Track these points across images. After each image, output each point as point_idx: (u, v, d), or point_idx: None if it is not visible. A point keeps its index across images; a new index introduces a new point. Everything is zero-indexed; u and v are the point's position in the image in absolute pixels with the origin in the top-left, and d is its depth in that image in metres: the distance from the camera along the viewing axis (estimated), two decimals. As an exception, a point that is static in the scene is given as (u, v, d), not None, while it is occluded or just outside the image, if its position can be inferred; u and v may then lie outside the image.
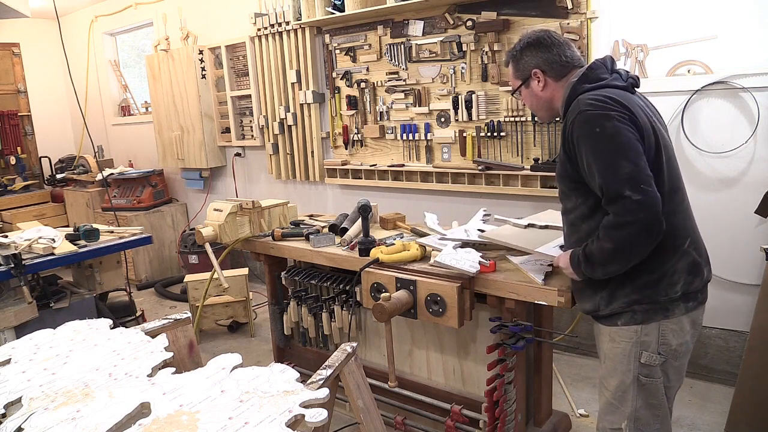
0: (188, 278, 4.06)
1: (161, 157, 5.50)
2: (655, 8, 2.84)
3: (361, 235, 2.46)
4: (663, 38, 2.84)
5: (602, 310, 1.68)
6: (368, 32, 3.87)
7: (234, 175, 5.20)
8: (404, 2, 3.43)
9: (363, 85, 3.95)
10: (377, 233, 2.69)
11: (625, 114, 1.55)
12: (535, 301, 1.93)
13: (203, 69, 4.95)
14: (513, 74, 1.85)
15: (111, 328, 1.76)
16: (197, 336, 3.72)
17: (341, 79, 4.08)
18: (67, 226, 4.55)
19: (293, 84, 4.35)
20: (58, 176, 6.18)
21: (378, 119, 3.96)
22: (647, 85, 2.78)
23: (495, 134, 3.38)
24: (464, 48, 3.42)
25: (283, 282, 2.89)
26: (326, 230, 2.76)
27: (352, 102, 4.04)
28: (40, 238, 3.00)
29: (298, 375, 1.40)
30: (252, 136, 4.88)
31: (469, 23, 3.35)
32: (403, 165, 3.88)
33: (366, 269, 2.25)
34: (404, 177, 3.88)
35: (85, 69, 6.38)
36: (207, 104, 5.03)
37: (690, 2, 2.75)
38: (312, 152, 4.38)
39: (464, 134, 3.54)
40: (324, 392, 1.31)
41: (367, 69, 3.93)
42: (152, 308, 4.74)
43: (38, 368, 1.52)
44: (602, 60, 1.72)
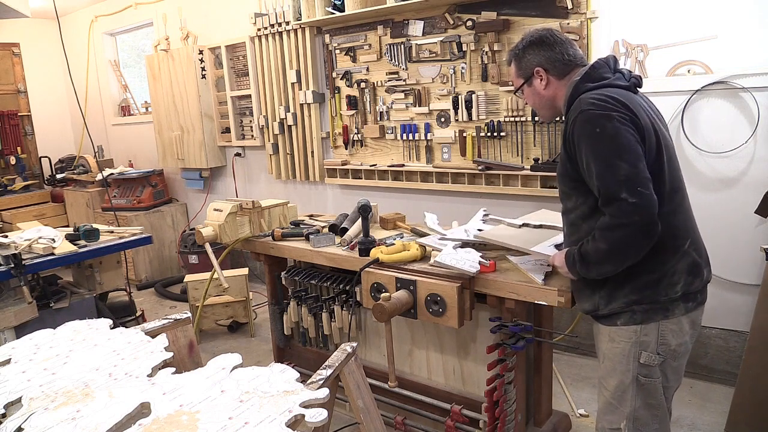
0: (188, 278, 4.06)
1: (161, 157, 5.50)
2: (655, 8, 2.84)
3: (361, 235, 2.46)
4: (663, 38, 2.84)
5: (601, 310, 1.68)
6: (368, 32, 3.87)
7: (234, 175, 5.20)
8: (404, 2, 3.43)
9: (363, 85, 3.95)
10: (377, 233, 2.69)
11: (627, 115, 1.54)
12: (535, 301, 1.93)
13: (203, 69, 4.95)
14: (515, 73, 1.84)
15: (111, 328, 1.76)
16: (197, 336, 3.72)
17: (341, 79, 4.08)
18: (67, 226, 4.55)
19: (293, 84, 4.36)
20: (58, 176, 6.18)
21: (378, 119, 3.96)
22: (647, 85, 2.76)
23: (495, 134, 3.38)
24: (464, 48, 3.42)
25: (283, 282, 2.89)
26: (326, 230, 2.76)
27: (352, 102, 4.04)
28: (40, 238, 3.00)
29: (298, 375, 1.40)
30: (252, 136, 4.88)
31: (469, 23, 3.35)
32: (403, 165, 3.88)
33: (366, 269, 2.25)
34: (404, 177, 3.88)
35: (85, 69, 6.38)
36: (207, 104, 5.03)
37: (690, 2, 2.76)
38: (312, 152, 4.39)
39: (464, 134, 3.54)
40: (324, 392, 1.31)
41: (367, 69, 3.93)
42: (152, 308, 4.74)
43: (38, 368, 1.52)
44: (605, 59, 1.71)
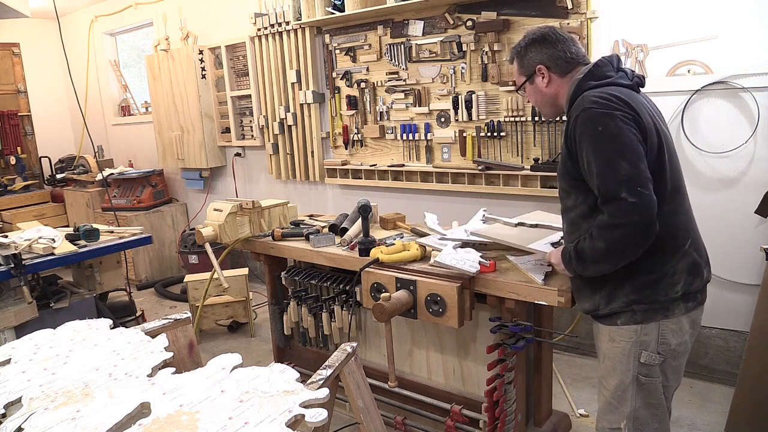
0: (188, 278, 4.06)
1: (161, 157, 5.50)
2: (655, 8, 2.84)
3: (361, 235, 2.46)
4: (663, 38, 2.84)
5: (602, 310, 1.68)
6: (368, 32, 3.87)
7: (234, 175, 5.20)
8: (404, 2, 3.43)
9: (363, 85, 3.95)
10: (377, 233, 2.69)
11: (630, 114, 1.54)
12: (535, 301, 1.93)
13: (203, 69, 4.95)
14: (517, 70, 1.84)
15: (111, 328, 1.76)
16: (197, 336, 3.72)
17: (341, 79, 4.08)
18: (67, 226, 4.55)
19: (293, 84, 4.35)
20: (58, 176, 6.18)
21: (378, 119, 3.96)
22: (647, 85, 2.74)
23: (495, 134, 3.38)
24: (464, 48, 3.42)
25: (283, 282, 2.89)
26: (326, 230, 2.76)
27: (352, 102, 4.04)
28: (40, 238, 3.00)
29: (298, 375, 1.40)
30: (252, 136, 4.88)
31: (469, 23, 3.35)
32: (403, 165, 3.88)
33: (366, 269, 2.25)
34: (404, 177, 3.88)
35: (85, 69, 6.38)
36: (207, 104, 5.03)
37: (690, 2, 2.75)
38: (312, 152, 4.38)
39: (464, 134, 3.54)
40: (324, 392, 1.31)
41: (367, 69, 3.93)
42: (152, 308, 4.73)
43: (38, 368, 1.52)
44: (608, 58, 1.71)
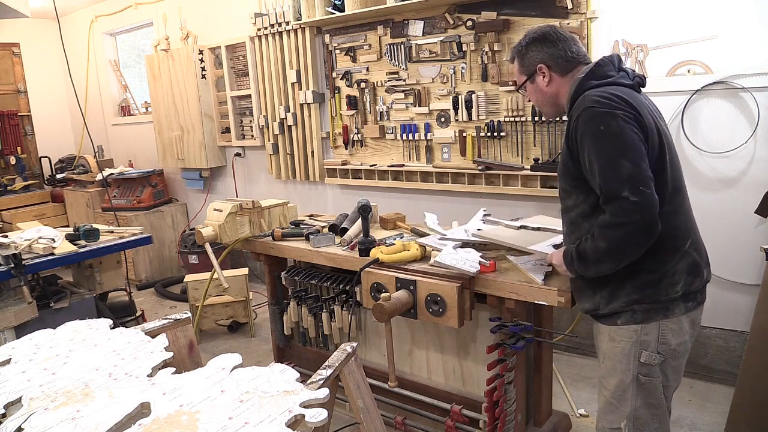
0: (188, 278, 4.06)
1: (161, 157, 5.50)
2: (655, 8, 2.84)
3: (361, 235, 2.46)
4: (663, 38, 2.84)
5: (602, 310, 1.68)
6: (368, 32, 3.87)
7: (234, 175, 5.20)
8: (404, 2, 3.43)
9: (363, 85, 3.95)
10: (377, 233, 2.69)
11: (631, 113, 1.54)
12: (535, 301, 1.93)
13: (203, 69, 4.95)
14: (518, 70, 1.84)
15: (111, 328, 1.76)
16: (197, 336, 3.72)
17: (341, 79, 4.08)
18: (67, 226, 4.55)
19: (293, 84, 4.35)
20: (58, 176, 6.18)
21: (378, 119, 3.96)
22: (647, 85, 2.76)
23: (495, 134, 3.38)
24: (464, 48, 3.42)
25: (283, 282, 2.89)
26: (326, 230, 2.76)
27: (352, 102, 4.04)
28: (40, 238, 3.00)
29: (298, 375, 1.39)
30: (252, 136, 4.88)
31: (469, 23, 3.35)
32: (403, 165, 3.88)
33: (366, 269, 2.25)
34: (404, 177, 3.88)
35: (85, 69, 6.38)
36: (207, 104, 5.03)
37: (690, 2, 2.75)
38: (312, 152, 4.38)
39: (464, 134, 3.54)
40: (324, 392, 1.31)
41: (367, 69, 3.93)
42: (152, 308, 4.73)
43: (38, 368, 1.52)
44: (609, 57, 1.71)
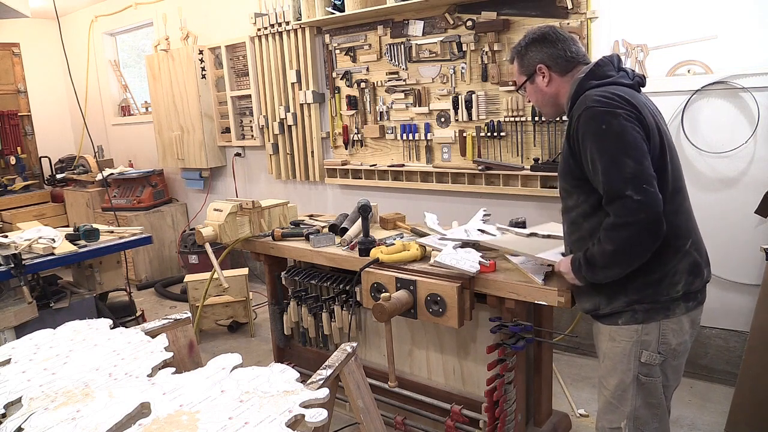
0: (188, 278, 4.06)
1: (161, 157, 5.50)
2: (655, 8, 2.84)
3: (361, 235, 2.46)
4: (663, 38, 2.84)
5: (602, 310, 1.68)
6: (368, 32, 3.87)
7: (234, 175, 5.20)
8: (404, 2, 3.43)
9: (363, 85, 3.95)
10: (377, 233, 2.69)
11: (632, 112, 1.54)
12: (535, 301, 1.93)
13: (203, 69, 4.95)
14: (518, 70, 1.84)
15: (111, 328, 1.76)
16: (197, 336, 3.72)
17: (341, 79, 4.08)
18: (67, 226, 4.55)
19: (293, 84, 4.35)
20: (58, 176, 6.18)
21: (378, 119, 3.96)
22: (647, 85, 2.76)
23: (495, 134, 3.38)
24: (464, 48, 3.42)
25: (283, 282, 2.89)
26: (326, 230, 2.76)
27: (352, 102, 4.04)
28: (40, 238, 3.00)
29: (298, 375, 1.39)
30: (252, 136, 4.88)
31: (469, 23, 3.35)
32: (403, 165, 3.88)
33: (366, 269, 2.25)
34: (404, 177, 3.88)
35: (85, 69, 6.38)
36: (207, 104, 5.03)
37: (690, 2, 2.75)
38: (312, 152, 4.38)
39: (464, 134, 3.54)
40: (324, 392, 1.31)
41: (367, 69, 3.93)
42: (152, 308, 4.73)
43: (38, 368, 1.52)
44: (609, 57, 1.71)
